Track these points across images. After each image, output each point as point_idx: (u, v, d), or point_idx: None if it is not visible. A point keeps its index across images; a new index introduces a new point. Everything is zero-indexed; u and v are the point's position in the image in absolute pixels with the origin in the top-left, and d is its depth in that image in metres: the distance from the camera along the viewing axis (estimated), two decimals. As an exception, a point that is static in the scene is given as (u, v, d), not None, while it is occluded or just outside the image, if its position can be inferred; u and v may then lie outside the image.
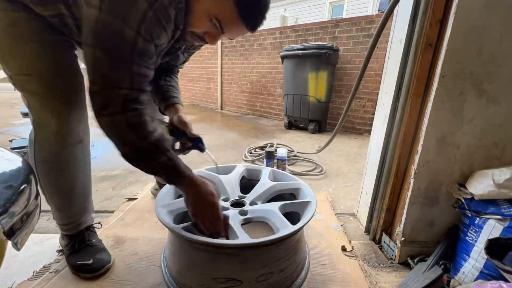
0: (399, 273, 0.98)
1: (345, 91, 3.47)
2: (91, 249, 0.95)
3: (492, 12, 0.77)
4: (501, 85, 0.83)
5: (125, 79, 0.63)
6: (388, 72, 1.11)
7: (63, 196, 0.91)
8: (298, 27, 3.86)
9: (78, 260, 0.91)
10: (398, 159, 1.02)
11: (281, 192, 1.03)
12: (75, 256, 0.93)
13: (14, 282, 0.88)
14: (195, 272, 0.76)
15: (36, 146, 0.85)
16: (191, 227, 0.76)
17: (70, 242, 0.96)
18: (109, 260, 0.95)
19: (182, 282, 0.78)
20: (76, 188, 0.92)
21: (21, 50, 0.75)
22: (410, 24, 0.93)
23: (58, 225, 0.97)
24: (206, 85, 5.74)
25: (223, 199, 0.97)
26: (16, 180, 0.63)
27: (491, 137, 0.87)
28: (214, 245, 0.69)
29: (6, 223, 0.52)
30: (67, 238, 0.97)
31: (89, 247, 0.96)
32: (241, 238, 0.73)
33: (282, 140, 3.00)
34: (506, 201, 0.79)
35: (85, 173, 0.96)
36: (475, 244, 0.84)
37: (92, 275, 0.90)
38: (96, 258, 0.92)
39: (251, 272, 0.73)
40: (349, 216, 1.39)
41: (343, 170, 2.09)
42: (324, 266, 0.98)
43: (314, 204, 0.85)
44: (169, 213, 0.84)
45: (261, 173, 1.12)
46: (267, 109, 4.54)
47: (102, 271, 0.91)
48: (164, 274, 0.85)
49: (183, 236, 0.70)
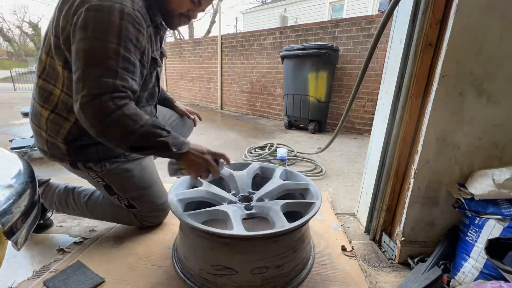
0: (399, 273, 0.98)
1: (345, 91, 3.47)
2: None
3: (492, 12, 0.77)
4: (501, 85, 0.83)
5: (110, 85, 0.74)
6: (388, 72, 1.11)
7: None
8: (298, 27, 3.86)
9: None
10: (398, 159, 1.02)
11: (289, 191, 1.05)
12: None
13: (14, 282, 0.88)
14: (196, 257, 0.82)
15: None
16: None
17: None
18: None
19: (187, 265, 0.86)
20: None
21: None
22: (410, 24, 0.93)
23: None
24: (206, 85, 5.74)
25: (233, 194, 1.02)
26: (16, 180, 0.63)
27: (491, 137, 0.87)
28: (210, 233, 0.73)
29: (6, 223, 0.52)
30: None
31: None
32: (236, 229, 0.76)
33: (282, 140, 3.00)
34: (506, 201, 0.79)
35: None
36: (475, 244, 0.84)
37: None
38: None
39: (246, 263, 0.77)
40: (349, 216, 1.39)
41: (343, 170, 2.09)
42: (324, 266, 0.98)
43: (317, 206, 0.86)
44: (180, 201, 0.89)
45: (274, 172, 1.14)
46: (267, 109, 4.54)
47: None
48: (173, 257, 0.95)
49: (188, 224, 0.76)
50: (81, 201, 1.11)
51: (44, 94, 0.90)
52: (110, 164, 1.00)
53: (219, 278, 0.78)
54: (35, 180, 0.70)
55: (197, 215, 0.83)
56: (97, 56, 0.72)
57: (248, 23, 12.31)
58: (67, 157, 0.95)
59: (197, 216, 0.83)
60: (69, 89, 0.85)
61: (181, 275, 0.86)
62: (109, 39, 0.72)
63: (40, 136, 0.95)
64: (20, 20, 31.88)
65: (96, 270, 0.92)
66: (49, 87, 0.88)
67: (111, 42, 0.73)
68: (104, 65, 0.73)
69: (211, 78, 5.56)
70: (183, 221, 0.78)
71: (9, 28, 30.66)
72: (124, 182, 1.04)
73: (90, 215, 1.13)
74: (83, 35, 0.72)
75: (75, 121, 0.89)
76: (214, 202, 0.97)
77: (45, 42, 0.87)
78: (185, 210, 0.86)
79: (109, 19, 0.72)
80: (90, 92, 0.72)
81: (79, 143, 0.94)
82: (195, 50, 5.81)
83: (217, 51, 5.10)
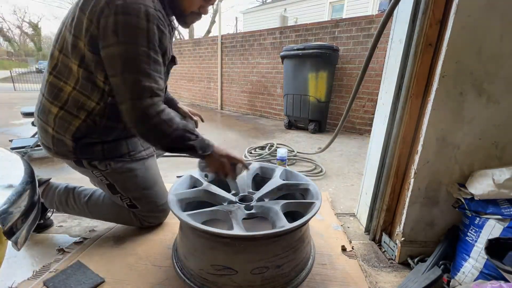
0: (399, 273, 0.98)
1: (345, 91, 3.47)
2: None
3: (492, 12, 0.77)
4: (501, 85, 0.83)
5: (148, 89, 0.80)
6: (388, 72, 1.11)
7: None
8: (298, 27, 3.86)
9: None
10: (398, 159, 1.02)
11: (289, 191, 1.05)
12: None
13: (14, 282, 0.88)
14: (196, 257, 0.82)
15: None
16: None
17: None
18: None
19: (187, 265, 0.86)
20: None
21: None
22: (410, 24, 0.93)
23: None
24: (206, 85, 5.74)
25: (233, 194, 1.03)
26: (16, 180, 0.63)
27: (491, 137, 0.87)
28: (210, 233, 0.73)
29: (6, 223, 0.52)
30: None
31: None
32: (236, 229, 0.77)
33: (282, 140, 3.00)
34: (506, 201, 0.79)
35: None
36: (475, 244, 0.84)
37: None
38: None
39: (246, 263, 0.76)
40: (349, 216, 1.39)
41: (343, 170, 2.09)
42: (324, 266, 0.98)
43: (317, 206, 0.86)
44: (180, 201, 0.90)
45: (274, 172, 1.14)
46: (267, 109, 4.54)
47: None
48: (173, 257, 0.94)
49: (188, 224, 0.76)
50: (81, 201, 1.11)
51: (54, 90, 0.91)
52: (115, 163, 1.01)
53: (219, 278, 0.78)
54: (35, 180, 0.70)
55: (197, 215, 0.84)
56: (132, 60, 0.78)
57: (248, 23, 12.31)
58: (73, 154, 0.96)
59: (197, 216, 0.83)
60: (83, 87, 0.88)
61: (181, 275, 0.86)
62: (139, 43, 0.78)
63: (46, 132, 0.95)
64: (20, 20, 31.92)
65: (96, 270, 0.92)
66: (60, 84, 0.90)
67: (141, 46, 0.78)
68: (139, 69, 0.79)
69: (211, 78, 5.56)
70: (183, 221, 0.78)
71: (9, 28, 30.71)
72: (127, 181, 1.05)
73: (90, 215, 1.13)
74: (116, 40, 0.77)
75: (84, 119, 0.91)
76: (214, 202, 0.97)
77: (59, 39, 0.89)
78: (185, 210, 0.86)
79: (137, 22, 0.77)
80: (132, 96, 0.80)
81: (87, 141, 0.95)
82: (195, 50, 5.81)
83: (217, 51, 5.10)
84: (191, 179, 1.07)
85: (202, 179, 1.05)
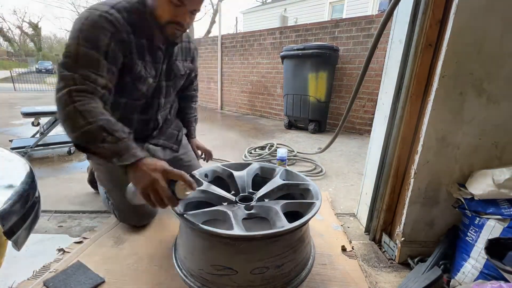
0: (399, 273, 0.98)
1: (345, 91, 3.47)
2: None
3: (492, 12, 0.77)
4: (501, 85, 0.83)
5: (69, 77, 0.78)
6: (388, 72, 1.11)
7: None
8: (298, 27, 3.86)
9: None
10: (398, 159, 1.02)
11: (289, 191, 1.05)
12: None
13: (14, 282, 0.88)
14: (196, 257, 0.83)
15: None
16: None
17: None
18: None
19: (187, 265, 0.86)
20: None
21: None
22: (410, 25, 0.93)
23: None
24: (206, 85, 5.74)
25: (233, 194, 1.02)
26: (16, 180, 0.63)
27: (491, 137, 0.87)
28: (210, 233, 0.73)
29: (6, 223, 0.52)
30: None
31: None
32: (236, 229, 0.76)
33: (282, 140, 3.00)
34: (506, 201, 0.79)
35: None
36: (475, 244, 0.84)
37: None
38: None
39: (246, 264, 0.76)
40: (349, 216, 1.39)
41: (343, 170, 2.09)
42: (324, 266, 0.98)
43: (317, 206, 0.86)
44: (181, 201, 0.89)
45: (274, 172, 1.15)
46: (267, 109, 4.54)
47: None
48: (173, 257, 0.94)
49: (188, 224, 0.76)
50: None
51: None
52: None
53: (219, 278, 0.78)
54: (35, 180, 0.70)
55: (197, 215, 0.83)
56: (64, 55, 0.83)
57: (248, 23, 12.31)
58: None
59: (197, 216, 0.83)
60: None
61: (181, 275, 0.86)
62: (72, 41, 0.82)
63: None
64: (20, 20, 31.95)
65: (96, 270, 0.92)
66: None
67: (73, 43, 0.82)
68: (65, 62, 0.81)
69: (211, 78, 5.56)
70: (183, 221, 0.78)
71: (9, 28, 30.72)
72: (98, 173, 1.15)
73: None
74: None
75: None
76: (214, 202, 0.97)
77: None
78: (185, 210, 0.86)
79: (76, 23, 0.84)
80: (57, 86, 0.80)
81: None
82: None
83: (217, 51, 5.10)
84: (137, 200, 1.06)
85: (202, 179, 1.05)
